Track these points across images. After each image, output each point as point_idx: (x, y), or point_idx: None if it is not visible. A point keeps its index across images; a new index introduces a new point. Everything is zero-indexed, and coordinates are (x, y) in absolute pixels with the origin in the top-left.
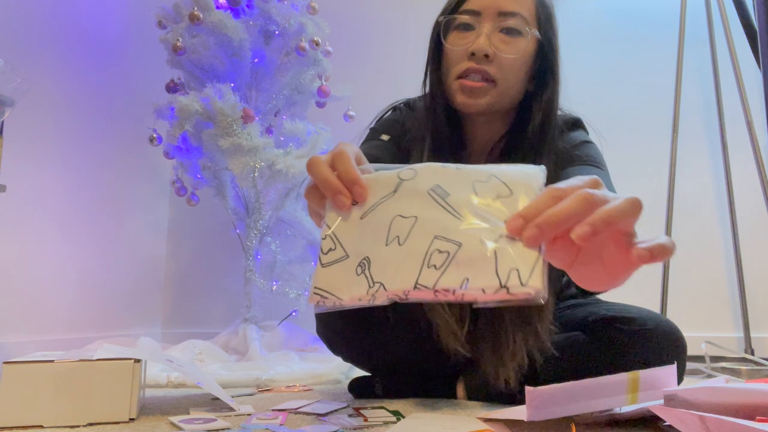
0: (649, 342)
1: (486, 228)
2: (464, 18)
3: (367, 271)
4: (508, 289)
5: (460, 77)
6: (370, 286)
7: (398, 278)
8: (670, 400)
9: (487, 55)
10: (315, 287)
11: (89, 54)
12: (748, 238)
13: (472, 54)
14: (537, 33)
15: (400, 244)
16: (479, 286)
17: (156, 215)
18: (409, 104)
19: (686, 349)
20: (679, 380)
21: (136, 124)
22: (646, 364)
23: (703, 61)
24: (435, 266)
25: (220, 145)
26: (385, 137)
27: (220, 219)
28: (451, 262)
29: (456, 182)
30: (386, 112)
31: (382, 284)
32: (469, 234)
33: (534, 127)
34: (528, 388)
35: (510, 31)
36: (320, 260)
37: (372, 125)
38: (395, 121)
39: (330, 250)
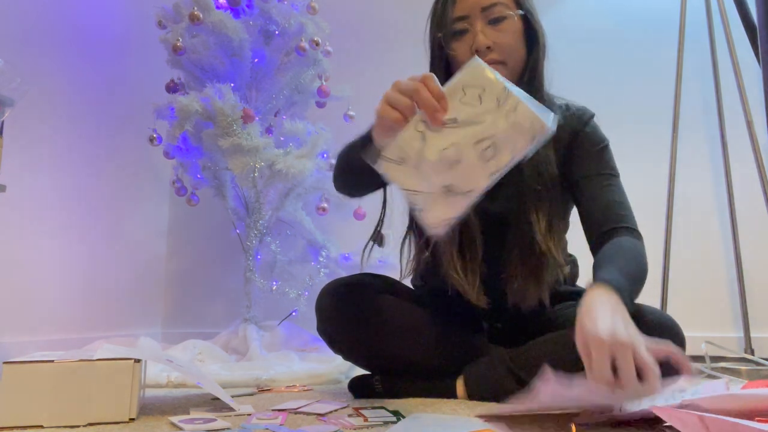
0: (647, 332)
1: (502, 118)
2: (458, 26)
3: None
4: (534, 136)
5: None
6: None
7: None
8: (686, 408)
9: (488, 47)
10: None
11: (89, 54)
12: (748, 238)
13: (477, 51)
14: (519, 11)
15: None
16: (521, 148)
17: (156, 215)
18: None
19: (685, 343)
20: (678, 374)
21: (136, 124)
22: None
23: (703, 61)
24: (489, 158)
25: (220, 145)
26: None
27: (220, 219)
28: (497, 148)
29: (489, 94)
30: None
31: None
32: (493, 127)
33: (527, 80)
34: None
35: (497, 20)
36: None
37: None
38: None
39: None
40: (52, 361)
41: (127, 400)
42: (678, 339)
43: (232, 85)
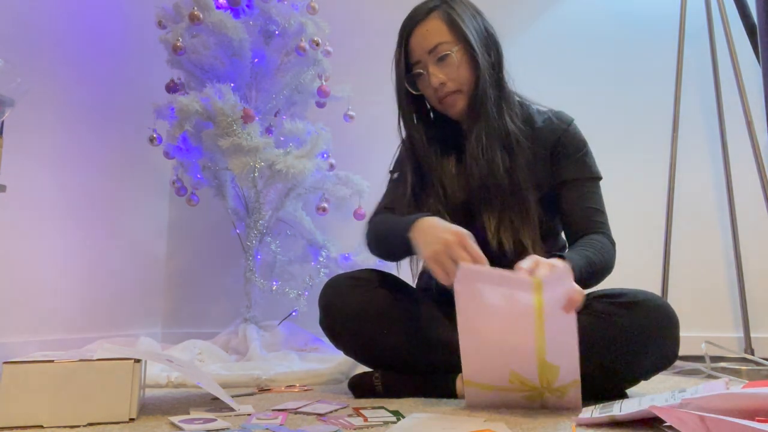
0: (638, 312)
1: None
2: (415, 70)
3: None
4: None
5: (440, 101)
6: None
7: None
8: (686, 407)
9: (442, 83)
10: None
11: (89, 54)
12: (748, 238)
13: (435, 88)
14: (456, 45)
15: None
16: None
17: (156, 215)
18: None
19: (678, 324)
20: (675, 355)
21: (136, 124)
22: (638, 334)
23: (703, 61)
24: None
25: (220, 145)
26: (394, 175)
27: (220, 219)
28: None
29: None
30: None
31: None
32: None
33: (472, 96)
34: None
35: (442, 59)
36: None
37: (390, 168)
38: (398, 160)
39: None
40: (52, 361)
41: (127, 400)
42: (669, 317)
43: (232, 85)
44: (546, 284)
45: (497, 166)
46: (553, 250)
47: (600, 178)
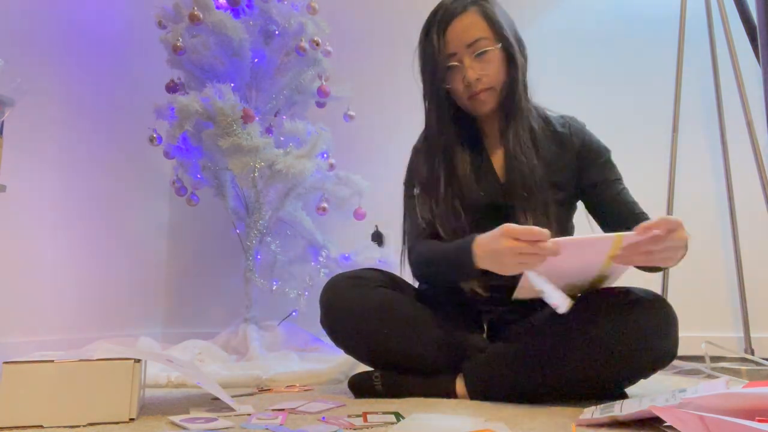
0: (635, 310)
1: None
2: (448, 62)
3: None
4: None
5: (470, 98)
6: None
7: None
8: (686, 406)
9: (478, 79)
10: None
11: (89, 54)
12: (748, 238)
13: (468, 83)
14: (497, 43)
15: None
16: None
17: (156, 215)
18: (416, 147)
19: (677, 322)
20: (674, 354)
21: (136, 124)
22: (636, 329)
23: (703, 61)
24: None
25: (220, 145)
26: (415, 189)
27: (220, 219)
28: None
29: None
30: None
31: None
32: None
33: (505, 95)
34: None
35: (481, 54)
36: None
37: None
38: (413, 168)
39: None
40: (52, 361)
41: (127, 400)
42: (668, 313)
43: (232, 85)
44: (625, 238)
45: (535, 165)
46: None
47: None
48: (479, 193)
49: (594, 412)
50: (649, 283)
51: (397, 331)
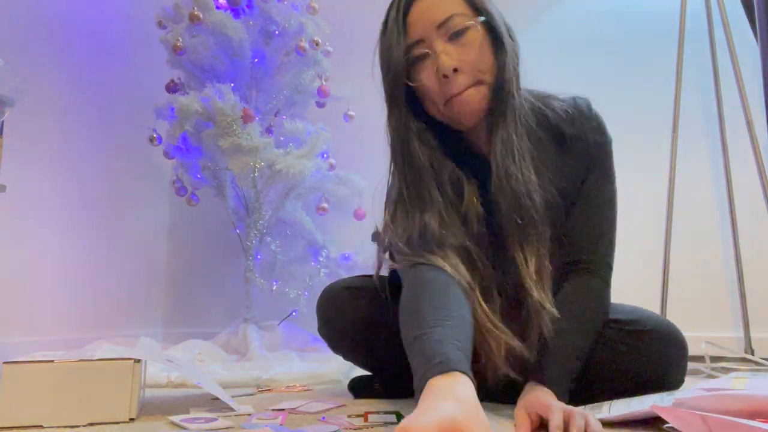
0: (648, 342)
1: None
2: (415, 52)
3: None
4: None
5: (449, 100)
6: None
7: None
8: (680, 406)
9: (455, 69)
10: None
11: (89, 54)
12: (748, 238)
13: (444, 76)
14: (478, 18)
15: None
16: None
17: (156, 215)
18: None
19: (687, 350)
20: (681, 382)
21: (136, 124)
22: (647, 364)
23: (703, 61)
24: None
25: (220, 145)
26: (396, 213)
27: (220, 219)
28: None
29: None
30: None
31: None
32: None
33: (495, 88)
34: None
35: (457, 34)
36: None
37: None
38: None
39: None
40: (52, 361)
41: (127, 400)
42: (679, 346)
43: (232, 85)
44: None
45: (534, 186)
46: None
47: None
48: (478, 222)
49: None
50: (649, 282)
51: (398, 342)
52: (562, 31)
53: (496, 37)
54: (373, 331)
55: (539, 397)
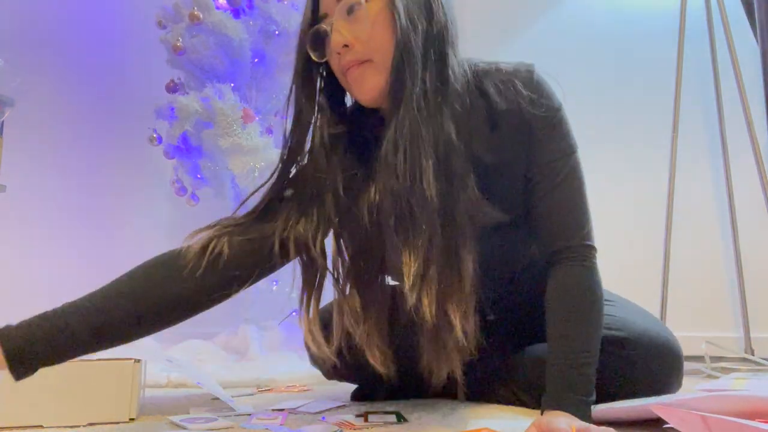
0: (641, 354)
1: None
2: (321, 28)
3: None
4: None
5: (344, 77)
6: None
7: None
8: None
9: (346, 45)
10: None
11: (89, 54)
12: (748, 238)
13: (338, 53)
14: None
15: None
16: None
17: (156, 215)
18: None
19: (682, 363)
20: (678, 387)
21: (136, 124)
22: (644, 378)
23: (703, 61)
24: None
25: (220, 145)
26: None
27: None
28: None
29: None
30: None
31: None
32: None
33: (398, 67)
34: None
35: (350, 10)
36: None
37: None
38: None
39: None
40: None
41: (127, 400)
42: (674, 359)
43: (232, 85)
44: None
45: (426, 181)
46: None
47: (577, 153)
48: (365, 219)
49: None
50: (649, 282)
51: (394, 365)
52: (562, 31)
53: (392, 12)
54: (365, 370)
55: (551, 423)
